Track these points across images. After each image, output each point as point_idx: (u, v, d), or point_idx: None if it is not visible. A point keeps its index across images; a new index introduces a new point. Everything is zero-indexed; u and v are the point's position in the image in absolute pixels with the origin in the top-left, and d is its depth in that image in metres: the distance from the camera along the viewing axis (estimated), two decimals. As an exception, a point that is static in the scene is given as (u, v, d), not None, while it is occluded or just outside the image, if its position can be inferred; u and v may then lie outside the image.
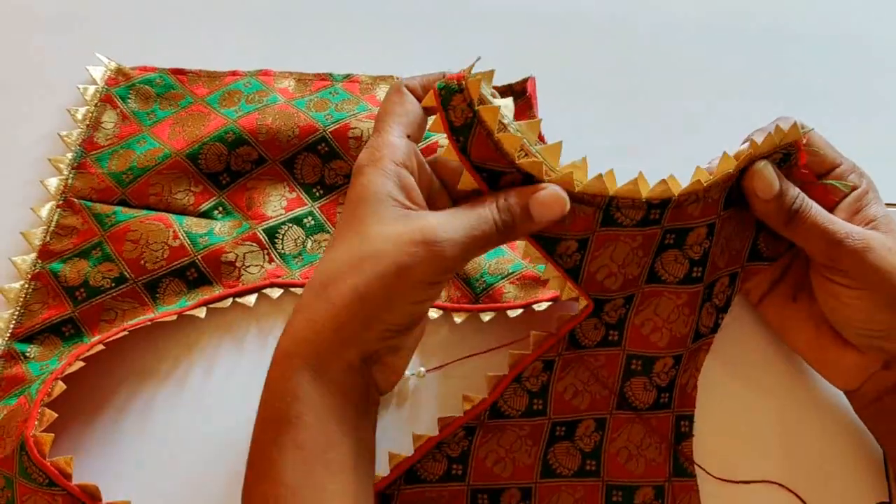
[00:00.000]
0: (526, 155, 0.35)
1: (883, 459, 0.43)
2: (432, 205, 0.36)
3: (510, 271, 0.46)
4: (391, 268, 0.32)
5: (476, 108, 0.34)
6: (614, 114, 0.55)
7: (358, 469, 0.32)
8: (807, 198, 0.39)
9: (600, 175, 0.36)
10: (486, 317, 0.45)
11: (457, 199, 0.37)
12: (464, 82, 0.34)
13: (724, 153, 0.38)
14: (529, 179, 0.35)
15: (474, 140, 0.35)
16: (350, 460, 0.32)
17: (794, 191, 0.39)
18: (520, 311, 0.45)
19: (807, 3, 0.61)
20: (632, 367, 0.41)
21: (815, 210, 0.39)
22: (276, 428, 0.31)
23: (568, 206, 0.35)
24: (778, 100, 0.39)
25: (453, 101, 0.35)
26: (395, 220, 0.33)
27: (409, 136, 0.35)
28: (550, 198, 0.34)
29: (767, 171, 0.38)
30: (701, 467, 0.42)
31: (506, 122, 0.35)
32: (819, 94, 0.56)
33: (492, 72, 0.35)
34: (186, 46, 0.57)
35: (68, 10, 0.58)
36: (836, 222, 0.39)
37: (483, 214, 0.34)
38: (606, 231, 0.37)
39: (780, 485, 0.42)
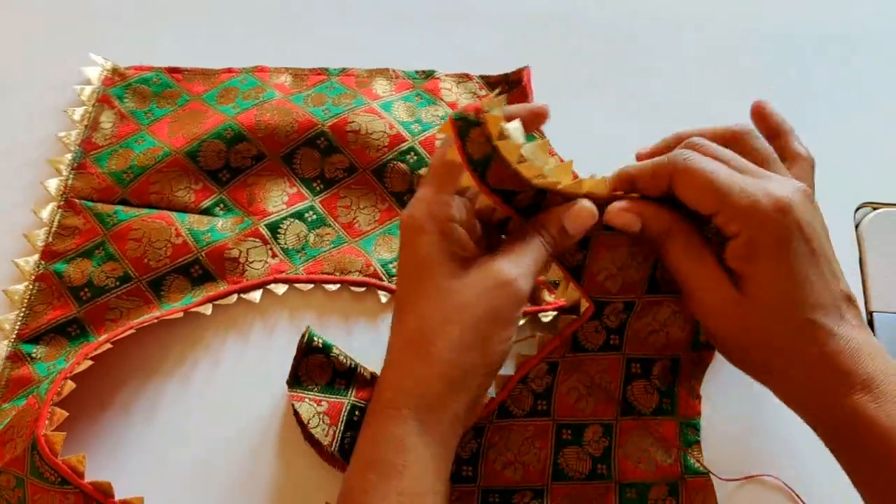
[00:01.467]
0: (541, 176, 0.36)
1: None
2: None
3: None
4: (486, 313, 0.34)
5: (495, 143, 0.34)
6: (615, 109, 0.55)
7: None
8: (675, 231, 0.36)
9: (603, 178, 0.37)
10: None
11: (482, 220, 0.38)
12: (482, 116, 0.34)
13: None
14: (542, 193, 0.36)
15: (493, 171, 0.35)
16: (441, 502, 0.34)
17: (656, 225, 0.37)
18: (526, 318, 0.46)
19: (807, 3, 0.61)
20: (632, 371, 0.42)
21: (681, 246, 0.37)
22: (379, 474, 0.33)
23: (596, 214, 0.36)
24: (777, 99, 0.39)
25: (471, 134, 0.34)
26: (467, 272, 0.35)
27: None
28: (577, 212, 0.36)
29: (623, 218, 0.36)
30: (708, 470, 0.42)
31: (521, 150, 0.35)
32: (818, 94, 0.56)
33: (502, 98, 0.35)
34: (180, 45, 0.57)
35: (61, 11, 0.58)
36: (695, 271, 0.36)
37: (536, 245, 0.36)
38: (610, 235, 0.38)
39: (775, 477, 0.43)
